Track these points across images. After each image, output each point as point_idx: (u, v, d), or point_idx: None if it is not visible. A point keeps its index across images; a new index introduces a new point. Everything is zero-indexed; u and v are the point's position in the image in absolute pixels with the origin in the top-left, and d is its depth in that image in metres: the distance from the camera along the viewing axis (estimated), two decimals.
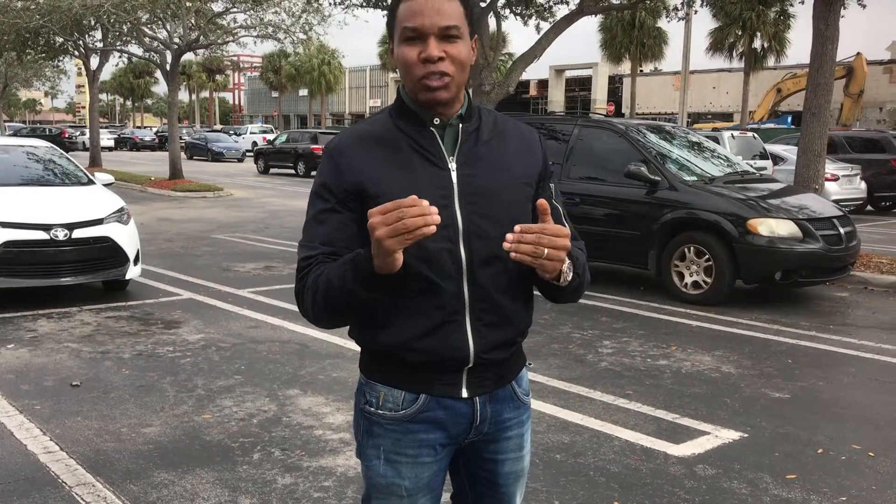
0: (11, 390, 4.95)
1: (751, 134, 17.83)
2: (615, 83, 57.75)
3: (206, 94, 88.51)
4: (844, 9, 10.48)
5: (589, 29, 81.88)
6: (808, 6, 10.57)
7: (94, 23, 21.69)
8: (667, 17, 17.92)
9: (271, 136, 42.64)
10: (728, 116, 47.90)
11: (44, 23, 20.03)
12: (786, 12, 38.17)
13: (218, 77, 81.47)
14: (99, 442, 4.14)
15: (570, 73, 58.86)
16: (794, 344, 6.44)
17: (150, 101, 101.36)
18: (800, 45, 40.63)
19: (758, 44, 40.40)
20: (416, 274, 1.64)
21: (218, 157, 38.82)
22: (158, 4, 18.82)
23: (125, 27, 20.93)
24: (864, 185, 16.80)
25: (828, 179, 13.26)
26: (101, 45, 24.25)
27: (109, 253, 7.40)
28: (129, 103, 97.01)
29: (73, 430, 4.31)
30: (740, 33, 40.02)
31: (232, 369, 5.47)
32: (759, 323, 7.14)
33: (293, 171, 29.23)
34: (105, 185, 8.75)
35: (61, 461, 3.89)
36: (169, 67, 21.21)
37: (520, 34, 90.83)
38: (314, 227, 1.72)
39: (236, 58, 50.79)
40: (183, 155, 28.82)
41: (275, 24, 20.70)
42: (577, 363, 5.78)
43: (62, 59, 27.41)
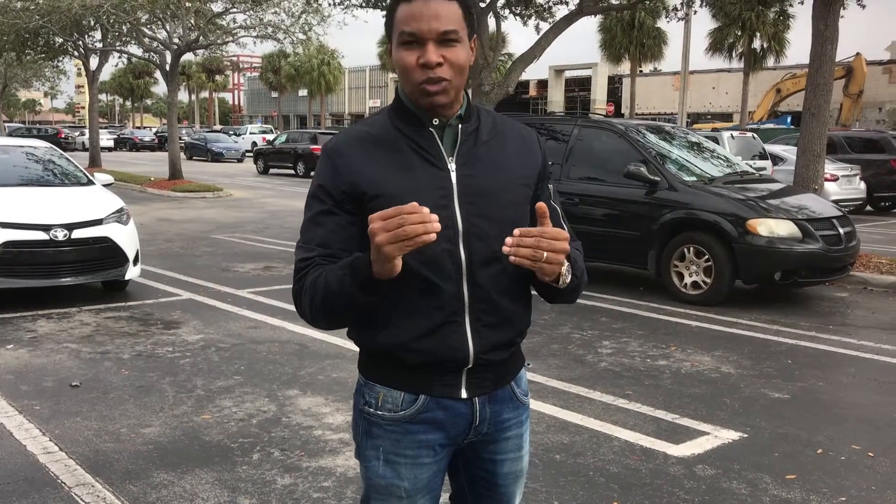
0: (11, 391, 4.95)
1: (750, 134, 17.83)
2: (615, 83, 57.77)
3: (205, 94, 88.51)
4: (844, 9, 10.49)
5: (588, 29, 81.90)
6: (808, 6, 10.58)
7: (93, 23, 21.68)
8: (666, 17, 17.94)
9: (271, 137, 42.67)
10: (727, 117, 47.92)
11: (43, 23, 20.02)
12: (785, 12, 38.22)
13: (217, 77, 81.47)
14: (98, 442, 4.14)
15: (569, 74, 58.87)
16: (794, 344, 6.44)
17: (149, 102, 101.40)
18: (799, 45, 40.62)
19: (757, 44, 40.45)
20: (415, 275, 1.63)
21: (217, 157, 38.83)
22: (158, 5, 18.82)
23: (125, 27, 20.93)
24: (863, 185, 16.81)
25: (827, 180, 13.27)
26: (100, 45, 24.25)
27: (109, 253, 7.40)
28: (129, 104, 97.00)
29: (73, 430, 4.31)
30: (740, 33, 40.07)
31: (231, 370, 5.47)
32: (758, 323, 7.14)
33: (293, 172, 29.24)
34: (104, 185, 8.75)
35: (60, 461, 3.89)
36: (168, 68, 21.21)
37: (519, 34, 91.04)
38: (311, 228, 1.72)
39: (236, 58, 50.87)
40: (182, 155, 28.83)
41: (274, 24, 20.71)
42: (577, 363, 5.78)
43: (62, 59, 27.42)
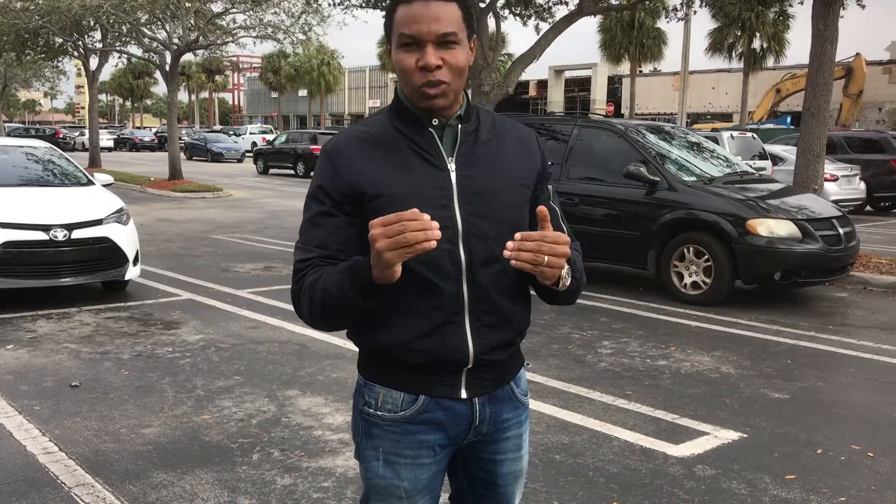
0: (10, 391, 4.95)
1: (750, 134, 17.83)
2: (614, 84, 57.78)
3: (205, 94, 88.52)
4: (843, 9, 10.49)
5: (588, 29, 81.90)
6: (808, 7, 10.58)
7: (93, 23, 21.68)
8: (666, 17, 17.94)
9: (271, 137, 42.66)
10: (727, 117, 47.94)
11: (43, 23, 20.02)
12: (785, 13, 38.24)
13: (217, 77, 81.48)
14: (98, 442, 4.14)
15: (569, 74, 58.87)
16: (794, 344, 6.44)
17: (149, 102, 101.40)
18: (799, 45, 40.56)
19: (757, 44, 40.47)
20: (415, 275, 1.63)
21: (217, 157, 38.83)
22: (158, 5, 18.82)
23: (124, 28, 20.93)
24: (863, 185, 16.81)
25: (827, 180, 13.27)
26: (100, 45, 24.26)
27: (109, 253, 7.40)
28: (129, 104, 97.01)
29: (73, 430, 4.31)
30: (739, 34, 40.09)
31: (231, 370, 5.47)
32: (758, 323, 7.14)
33: (292, 172, 29.24)
34: (104, 185, 8.75)
35: (60, 462, 3.89)
36: (168, 68, 21.21)
37: (519, 35, 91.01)
38: (310, 229, 1.72)
39: (236, 58, 50.88)
40: (182, 155, 28.83)
41: (274, 24, 20.72)
42: (577, 363, 5.78)
43: (61, 59, 27.42)
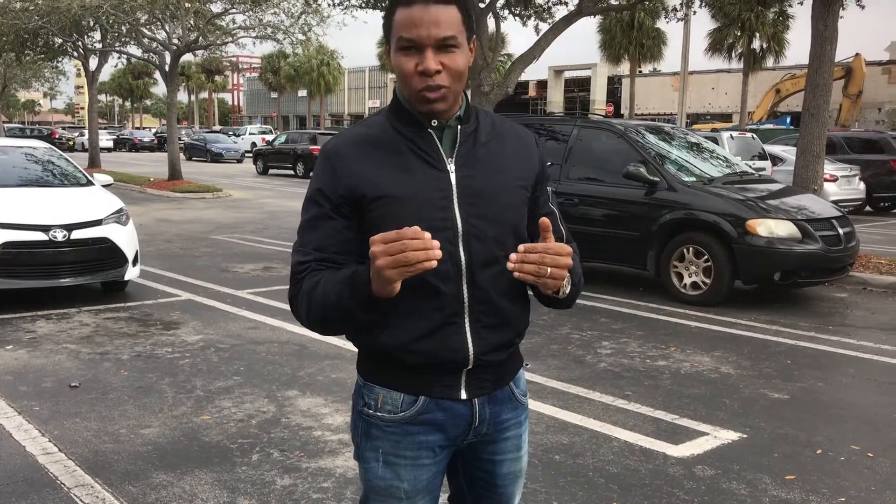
0: (10, 391, 4.95)
1: (750, 134, 17.84)
2: (614, 84, 57.80)
3: (205, 94, 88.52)
4: (843, 9, 10.49)
5: (588, 30, 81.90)
6: (807, 7, 10.59)
7: (92, 24, 21.68)
8: (665, 17, 17.97)
9: (270, 137, 42.64)
10: (727, 117, 47.95)
11: (43, 24, 20.01)
12: (784, 13, 38.25)
13: (217, 78, 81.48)
14: (98, 443, 4.14)
15: (569, 74, 58.88)
16: (793, 345, 6.44)
17: (148, 102, 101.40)
18: (799, 45, 40.58)
19: (757, 44, 40.49)
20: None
21: (217, 157, 38.82)
22: (157, 5, 18.82)
23: (124, 28, 20.93)
24: (862, 185, 16.81)
25: (827, 180, 13.27)
26: (99, 45, 24.25)
27: (108, 254, 7.40)
28: (128, 104, 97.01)
29: (72, 431, 4.30)
30: (739, 34, 40.11)
31: (231, 370, 5.47)
32: (758, 324, 7.14)
33: (292, 172, 29.23)
34: (104, 185, 8.75)
35: (60, 462, 3.89)
36: (168, 68, 21.20)
37: (519, 35, 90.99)
38: (308, 232, 1.72)
39: (235, 59, 50.76)
40: (182, 156, 28.84)
41: (274, 24, 20.72)
42: (576, 364, 5.78)
43: (61, 59, 27.41)
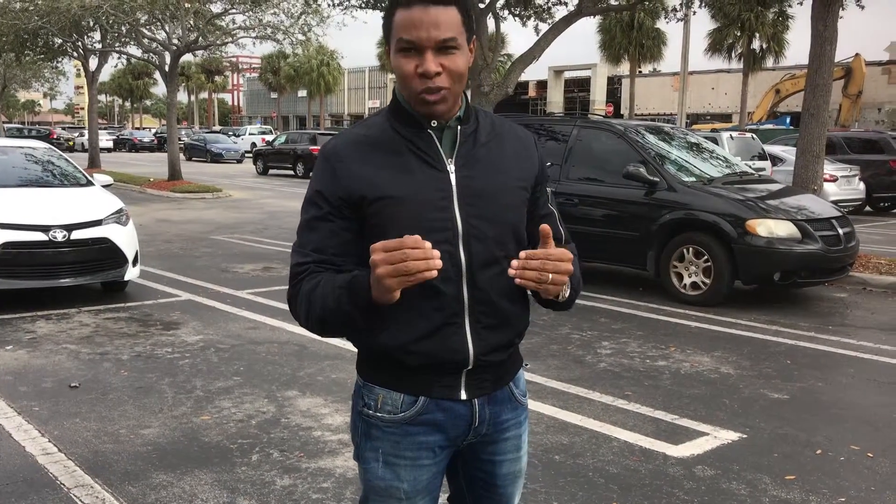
0: (10, 392, 4.95)
1: (749, 135, 17.85)
2: (614, 84, 57.81)
3: (204, 95, 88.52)
4: (843, 10, 10.50)
5: (588, 30, 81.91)
6: (807, 7, 10.59)
7: (92, 24, 21.68)
8: (665, 18, 17.98)
9: (270, 138, 42.63)
10: (727, 117, 47.96)
11: (42, 24, 20.00)
12: (784, 13, 38.27)
13: (217, 78, 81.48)
14: (97, 443, 4.14)
15: (568, 74, 58.89)
16: (793, 345, 6.44)
17: (148, 103, 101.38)
18: (798, 45, 40.64)
19: (756, 45, 40.50)
20: None
21: (217, 158, 38.82)
22: (157, 5, 18.81)
23: (124, 28, 20.93)
24: (862, 185, 16.81)
25: (826, 180, 13.27)
26: (99, 46, 24.25)
27: (108, 254, 7.40)
28: (128, 104, 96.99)
29: (72, 431, 4.30)
30: (739, 34, 40.12)
31: (231, 370, 5.47)
32: (757, 324, 7.14)
33: (292, 172, 29.23)
34: (104, 186, 8.75)
35: (60, 463, 3.88)
36: (168, 68, 21.20)
37: (518, 35, 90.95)
38: (306, 233, 1.73)
39: (235, 59, 50.74)
40: (182, 156, 28.83)
41: (273, 25, 20.71)
42: (576, 364, 5.78)
43: (61, 60, 27.40)
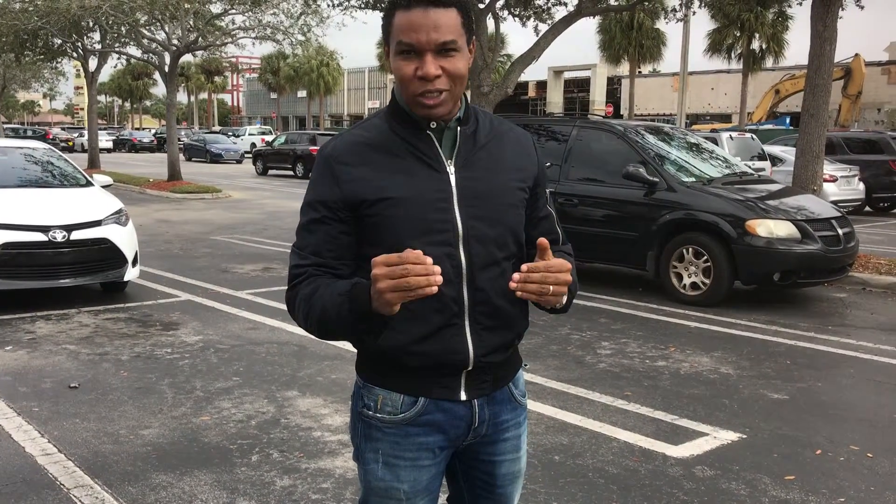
0: (9, 392, 4.95)
1: (749, 135, 17.85)
2: (614, 84, 57.83)
3: (204, 95, 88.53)
4: (842, 10, 10.50)
5: (587, 30, 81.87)
6: (807, 7, 10.59)
7: (92, 24, 21.68)
8: (665, 18, 17.98)
9: (270, 138, 42.63)
10: (726, 117, 47.99)
11: (42, 24, 20.00)
12: (784, 13, 38.31)
13: (216, 79, 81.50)
14: (97, 444, 4.14)
15: (568, 75, 58.89)
16: (793, 345, 6.44)
17: (148, 103, 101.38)
18: (798, 46, 40.81)
19: (756, 45, 40.54)
20: None
21: (216, 158, 38.82)
22: (157, 6, 18.80)
23: (123, 29, 20.91)
24: (862, 186, 16.81)
25: (826, 180, 13.28)
26: (99, 46, 24.24)
27: (108, 254, 7.40)
28: (128, 105, 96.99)
29: (72, 431, 4.30)
30: (738, 34, 40.17)
31: (230, 371, 5.47)
32: (757, 324, 7.14)
33: (292, 173, 29.23)
34: (103, 186, 8.75)
35: (59, 463, 3.88)
36: (167, 69, 21.19)
37: (518, 35, 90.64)
38: (305, 235, 1.73)
39: (235, 59, 50.82)
40: (181, 156, 28.83)
41: (273, 25, 20.71)
42: (576, 364, 5.78)
43: (60, 60, 27.37)
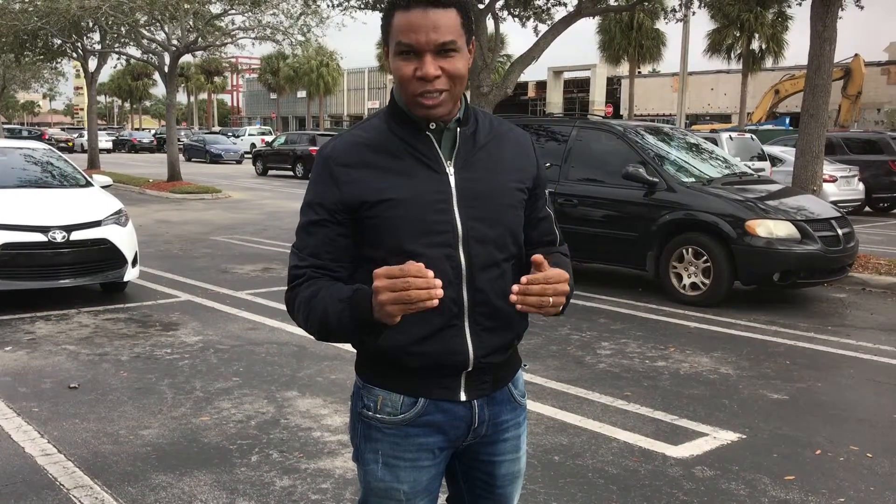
0: (9, 393, 4.95)
1: (749, 135, 17.85)
2: (613, 85, 57.83)
3: (204, 95, 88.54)
4: (842, 10, 10.50)
5: (587, 30, 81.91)
6: (806, 7, 10.59)
7: (92, 25, 21.68)
8: (665, 18, 17.97)
9: (269, 138, 42.61)
10: (726, 118, 48.00)
11: (42, 25, 20.00)
12: (783, 14, 38.34)
13: (216, 79, 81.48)
14: (97, 444, 4.14)
15: (568, 75, 58.90)
16: (793, 345, 6.44)
17: (148, 103, 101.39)
18: (798, 46, 40.86)
19: (756, 45, 40.56)
20: None
21: (216, 158, 38.82)
22: (156, 6, 18.80)
23: (123, 29, 20.92)
24: (861, 186, 16.82)
25: (826, 181, 13.27)
26: (99, 46, 24.24)
27: (107, 255, 7.40)
28: (128, 105, 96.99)
29: (71, 432, 4.30)
30: (738, 35, 40.19)
31: (230, 371, 5.47)
32: (757, 324, 7.14)
33: (291, 173, 29.22)
34: (103, 187, 8.75)
35: (59, 464, 3.88)
36: (167, 69, 21.19)
37: (518, 36, 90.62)
38: (304, 236, 1.73)
39: (234, 60, 50.83)
40: (181, 157, 28.84)
41: (273, 25, 20.71)
42: (576, 364, 5.78)
43: (60, 60, 27.36)
